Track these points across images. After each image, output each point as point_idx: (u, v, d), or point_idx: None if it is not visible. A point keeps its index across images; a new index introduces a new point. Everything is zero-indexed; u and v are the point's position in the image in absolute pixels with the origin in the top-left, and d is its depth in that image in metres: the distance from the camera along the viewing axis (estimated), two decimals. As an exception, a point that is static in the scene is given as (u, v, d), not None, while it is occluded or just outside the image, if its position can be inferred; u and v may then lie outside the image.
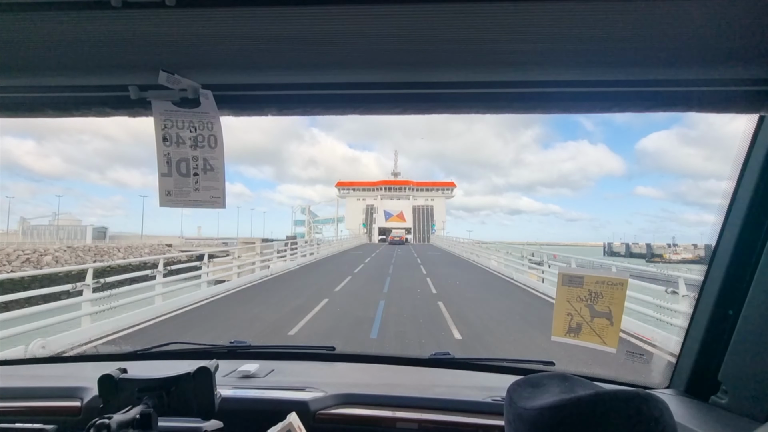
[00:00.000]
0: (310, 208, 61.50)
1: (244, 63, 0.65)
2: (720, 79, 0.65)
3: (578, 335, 1.01)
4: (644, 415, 0.51)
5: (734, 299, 0.82)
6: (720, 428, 0.73)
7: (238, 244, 16.70)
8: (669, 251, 55.51)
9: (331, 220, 60.52)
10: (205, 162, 0.70)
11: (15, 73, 0.67)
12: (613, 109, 0.70)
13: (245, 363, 1.09)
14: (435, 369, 1.15)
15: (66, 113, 0.72)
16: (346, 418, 0.88)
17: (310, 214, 60.48)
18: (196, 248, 30.57)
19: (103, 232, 44.02)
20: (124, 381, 0.70)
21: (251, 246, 12.84)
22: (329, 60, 0.64)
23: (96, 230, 42.83)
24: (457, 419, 0.86)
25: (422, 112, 0.72)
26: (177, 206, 0.70)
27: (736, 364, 0.80)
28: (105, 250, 30.10)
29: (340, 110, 0.72)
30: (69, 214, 51.84)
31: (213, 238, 50.17)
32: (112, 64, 0.66)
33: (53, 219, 46.47)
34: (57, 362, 1.26)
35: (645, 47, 0.59)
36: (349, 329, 5.63)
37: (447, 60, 0.63)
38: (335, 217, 59.91)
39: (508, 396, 0.62)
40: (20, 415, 0.87)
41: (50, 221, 46.30)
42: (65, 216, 49.49)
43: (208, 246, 35.06)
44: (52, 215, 47.72)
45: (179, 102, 0.69)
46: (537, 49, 0.60)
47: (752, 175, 0.80)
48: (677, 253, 52.55)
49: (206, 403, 0.70)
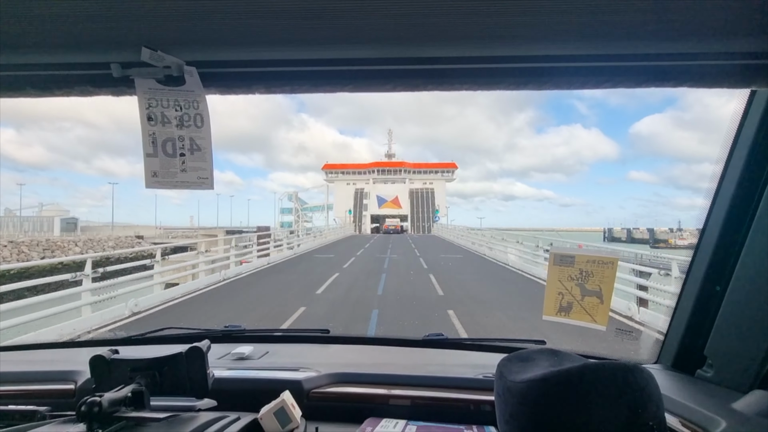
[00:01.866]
0: (297, 195, 59.63)
1: (230, 39, 0.67)
2: (712, 52, 0.68)
3: (569, 314, 1.08)
4: (630, 385, 0.55)
5: (721, 276, 0.88)
6: (705, 399, 0.79)
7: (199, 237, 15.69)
8: (674, 236, 56.67)
9: (321, 208, 57.62)
10: (192, 142, 0.74)
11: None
12: (605, 85, 0.73)
13: (239, 346, 1.15)
14: (428, 349, 1.22)
15: (47, 92, 0.74)
16: (340, 396, 0.93)
17: (297, 202, 58.57)
18: (172, 240, 30.15)
19: (74, 223, 43.50)
20: (117, 361, 0.74)
21: (214, 240, 12.01)
22: (318, 35, 0.66)
23: (65, 221, 42.25)
24: (449, 395, 0.92)
25: (413, 89, 0.75)
26: (164, 188, 0.74)
27: (722, 339, 0.87)
28: (59, 245, 28.63)
29: (330, 87, 0.75)
30: (56, 204, 51.57)
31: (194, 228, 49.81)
32: (94, 41, 0.67)
33: (39, 210, 45.96)
34: (50, 348, 1.32)
35: (637, 20, 0.62)
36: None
37: (438, 35, 0.66)
38: (325, 205, 57.52)
39: (498, 370, 0.66)
40: (15, 398, 0.91)
41: (36, 212, 45.93)
42: (52, 207, 49.29)
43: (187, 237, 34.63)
44: (39, 206, 47.19)
45: (163, 80, 0.71)
46: (529, 23, 0.62)
47: (741, 152, 0.85)
48: (683, 238, 53.57)
49: (199, 382, 0.75)
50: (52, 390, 0.96)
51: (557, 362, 0.65)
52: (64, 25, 0.63)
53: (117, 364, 0.74)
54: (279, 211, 57.10)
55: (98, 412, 0.62)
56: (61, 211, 46.87)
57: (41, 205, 48.84)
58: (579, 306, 1.08)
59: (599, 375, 0.56)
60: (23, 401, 0.81)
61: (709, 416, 0.72)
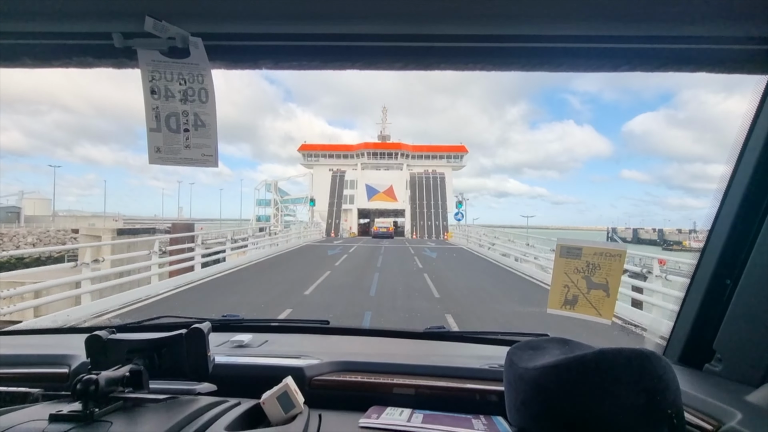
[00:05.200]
0: (277, 185, 58.01)
1: (237, 11, 0.72)
2: (731, 36, 0.73)
3: (574, 307, 1.17)
4: (648, 372, 0.58)
5: (733, 268, 0.95)
6: (717, 392, 0.84)
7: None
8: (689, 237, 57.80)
9: (303, 200, 55.47)
10: (196, 117, 0.79)
11: None
12: (623, 68, 0.78)
13: (238, 335, 1.22)
14: (430, 341, 1.30)
15: (45, 63, 0.78)
16: (342, 384, 1.00)
17: (277, 192, 57.16)
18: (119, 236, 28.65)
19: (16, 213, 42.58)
20: (113, 342, 0.78)
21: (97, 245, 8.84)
22: (329, 10, 0.71)
23: (5, 211, 41.35)
24: (455, 384, 0.99)
25: (426, 67, 0.81)
26: (167, 164, 0.79)
27: (732, 333, 0.93)
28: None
29: (339, 64, 0.80)
30: (37, 192, 51.30)
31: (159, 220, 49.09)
32: (95, 9, 0.71)
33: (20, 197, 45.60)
34: (45, 333, 1.37)
35: (657, 1, 0.67)
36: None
37: (449, 12, 0.71)
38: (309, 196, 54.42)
39: (509, 358, 0.71)
40: (7, 381, 0.95)
41: (17, 200, 45.56)
42: (33, 195, 49.11)
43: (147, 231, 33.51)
44: (19, 194, 46.75)
45: (167, 52, 0.76)
46: (545, 2, 0.68)
47: (757, 141, 0.90)
48: (699, 240, 54.40)
49: (199, 365, 0.79)
50: (45, 373, 1.01)
51: (569, 350, 0.70)
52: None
53: (114, 344, 0.78)
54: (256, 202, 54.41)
55: (94, 391, 0.65)
56: (43, 200, 47.71)
57: (22, 193, 48.44)
58: (585, 299, 1.17)
59: (616, 361, 0.60)
60: (16, 384, 0.86)
61: (724, 408, 0.77)
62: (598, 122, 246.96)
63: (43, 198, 49.64)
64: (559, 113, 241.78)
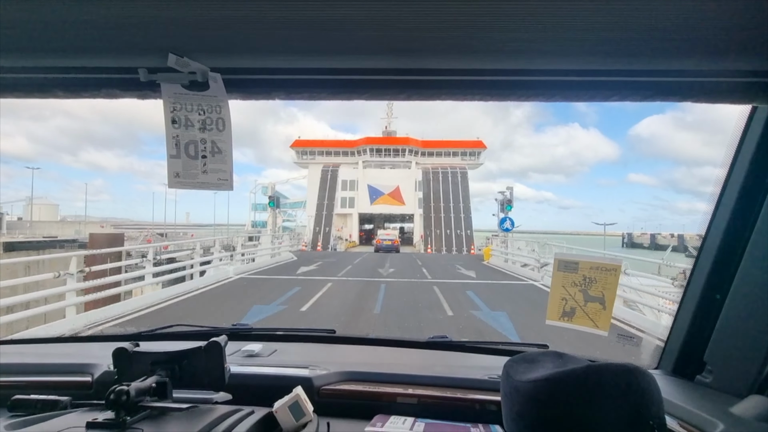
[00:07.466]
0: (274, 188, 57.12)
1: (252, 47, 0.83)
2: (716, 70, 0.84)
3: (572, 319, 1.28)
4: (633, 387, 0.65)
5: (722, 284, 1.06)
6: (704, 402, 0.94)
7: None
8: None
9: (302, 204, 48.10)
10: (213, 145, 0.91)
11: (26, 54, 0.84)
12: (613, 98, 0.89)
13: (248, 344, 1.35)
14: (433, 351, 1.43)
15: (75, 95, 0.90)
16: (349, 393, 1.12)
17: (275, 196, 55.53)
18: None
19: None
20: (138, 354, 0.91)
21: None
22: (337, 46, 0.81)
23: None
24: (456, 395, 1.11)
25: (428, 98, 0.92)
26: (185, 188, 0.91)
27: (721, 345, 1.04)
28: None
29: (347, 95, 0.92)
30: (44, 198, 52.52)
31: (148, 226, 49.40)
32: (122, 47, 0.83)
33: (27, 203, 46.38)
34: (64, 342, 1.52)
35: (645, 38, 0.76)
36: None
37: (451, 48, 0.81)
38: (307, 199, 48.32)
39: (505, 371, 0.80)
40: (32, 389, 1.06)
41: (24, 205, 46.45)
42: (41, 200, 50.08)
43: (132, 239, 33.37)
44: (26, 199, 47.60)
45: (188, 85, 0.87)
46: (539, 38, 0.77)
47: (742, 165, 1.02)
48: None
49: (217, 375, 0.91)
50: (69, 381, 1.14)
51: (562, 364, 0.79)
52: (93, 31, 0.78)
53: (138, 356, 0.91)
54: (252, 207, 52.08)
55: (126, 401, 0.77)
56: (50, 205, 48.50)
57: (29, 199, 49.23)
58: (582, 311, 1.28)
59: (603, 376, 0.67)
60: (41, 392, 0.98)
61: (708, 419, 0.87)
62: (603, 125, 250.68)
63: (50, 204, 50.15)
64: (564, 116, 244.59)
